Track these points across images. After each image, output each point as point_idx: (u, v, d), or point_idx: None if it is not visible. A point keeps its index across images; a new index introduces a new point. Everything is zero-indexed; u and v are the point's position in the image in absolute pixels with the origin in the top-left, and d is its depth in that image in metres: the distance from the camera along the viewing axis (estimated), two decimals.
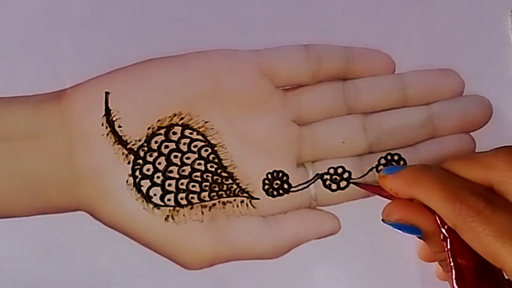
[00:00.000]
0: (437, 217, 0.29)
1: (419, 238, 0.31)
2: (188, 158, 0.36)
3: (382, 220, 0.32)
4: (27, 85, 0.36)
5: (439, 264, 0.32)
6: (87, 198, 0.35)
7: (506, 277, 0.28)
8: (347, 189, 0.36)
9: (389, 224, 0.31)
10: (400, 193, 0.31)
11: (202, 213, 0.36)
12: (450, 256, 0.29)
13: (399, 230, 0.31)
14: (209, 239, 0.36)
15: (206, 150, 0.36)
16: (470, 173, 0.30)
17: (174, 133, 0.36)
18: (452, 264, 0.29)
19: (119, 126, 0.36)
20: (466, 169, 0.30)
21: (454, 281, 0.28)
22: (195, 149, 0.36)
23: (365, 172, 0.36)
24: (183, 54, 0.37)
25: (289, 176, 0.36)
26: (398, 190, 0.31)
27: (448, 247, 0.29)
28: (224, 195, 0.36)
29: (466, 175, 0.30)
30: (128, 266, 0.36)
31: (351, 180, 0.36)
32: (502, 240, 0.27)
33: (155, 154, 0.36)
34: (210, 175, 0.36)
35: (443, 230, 0.29)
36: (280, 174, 0.36)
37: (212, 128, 0.36)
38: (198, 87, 0.36)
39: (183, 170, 0.36)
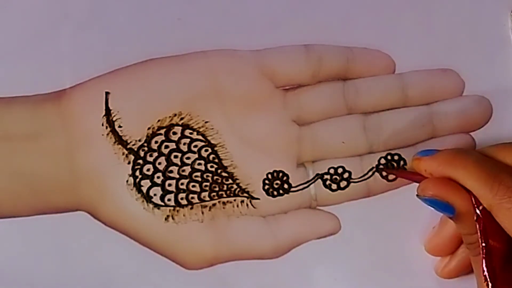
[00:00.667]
0: (472, 197, 0.30)
1: (450, 218, 0.31)
2: (188, 158, 0.36)
3: (417, 195, 0.31)
4: (27, 85, 0.36)
5: (467, 247, 0.32)
6: (87, 198, 0.35)
7: None
8: (347, 189, 0.36)
9: (423, 200, 0.31)
10: (435, 174, 0.31)
11: (202, 213, 0.36)
12: (481, 236, 0.29)
13: (432, 207, 0.31)
14: (209, 239, 0.36)
15: (206, 150, 0.36)
16: (509, 158, 0.30)
17: (174, 133, 0.36)
18: (483, 244, 0.29)
19: (119, 126, 0.36)
20: (504, 154, 0.31)
21: (484, 262, 0.29)
22: (195, 149, 0.36)
23: (365, 172, 0.36)
24: (183, 54, 0.37)
25: (289, 176, 0.36)
26: (434, 171, 0.31)
27: (481, 228, 0.29)
28: (224, 195, 0.36)
29: (505, 160, 0.30)
30: (128, 266, 0.36)
31: (380, 167, 0.36)
32: None
33: (155, 154, 0.36)
34: (210, 175, 0.36)
35: (478, 211, 0.29)
36: (280, 174, 0.36)
37: (212, 128, 0.36)
38: (198, 87, 0.36)
39: (183, 170, 0.36)
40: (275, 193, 0.36)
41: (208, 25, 0.37)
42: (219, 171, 0.36)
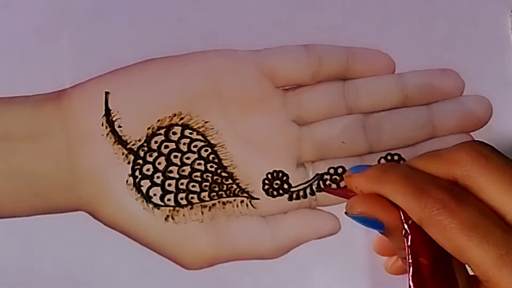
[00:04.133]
0: (401, 212, 0.29)
1: (381, 233, 0.30)
2: (188, 158, 0.36)
3: (346, 212, 0.31)
4: (27, 85, 0.36)
5: (401, 261, 0.32)
6: (87, 198, 0.36)
7: (471, 273, 0.28)
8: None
9: (352, 217, 0.30)
10: (365, 191, 0.31)
11: (202, 213, 0.36)
12: (409, 252, 0.28)
13: (361, 224, 0.30)
14: (209, 239, 0.36)
15: (206, 150, 0.36)
16: (435, 169, 0.29)
17: (174, 133, 0.36)
18: (410, 261, 0.28)
19: (119, 126, 0.36)
20: (430, 165, 0.29)
21: (411, 278, 0.28)
22: (195, 149, 0.36)
23: None
24: (183, 54, 0.37)
25: (289, 176, 0.36)
26: (364, 188, 0.30)
27: (409, 243, 0.28)
28: (224, 195, 0.36)
29: (431, 171, 0.29)
30: (128, 266, 0.36)
31: (317, 188, 0.36)
32: (468, 233, 0.26)
33: (155, 154, 0.36)
34: (210, 175, 0.36)
35: (406, 226, 0.28)
36: (280, 174, 0.36)
37: (212, 128, 0.36)
38: (198, 87, 0.36)
39: (183, 170, 0.36)
40: (275, 193, 0.36)
41: (208, 25, 0.37)
42: (219, 171, 0.36)
